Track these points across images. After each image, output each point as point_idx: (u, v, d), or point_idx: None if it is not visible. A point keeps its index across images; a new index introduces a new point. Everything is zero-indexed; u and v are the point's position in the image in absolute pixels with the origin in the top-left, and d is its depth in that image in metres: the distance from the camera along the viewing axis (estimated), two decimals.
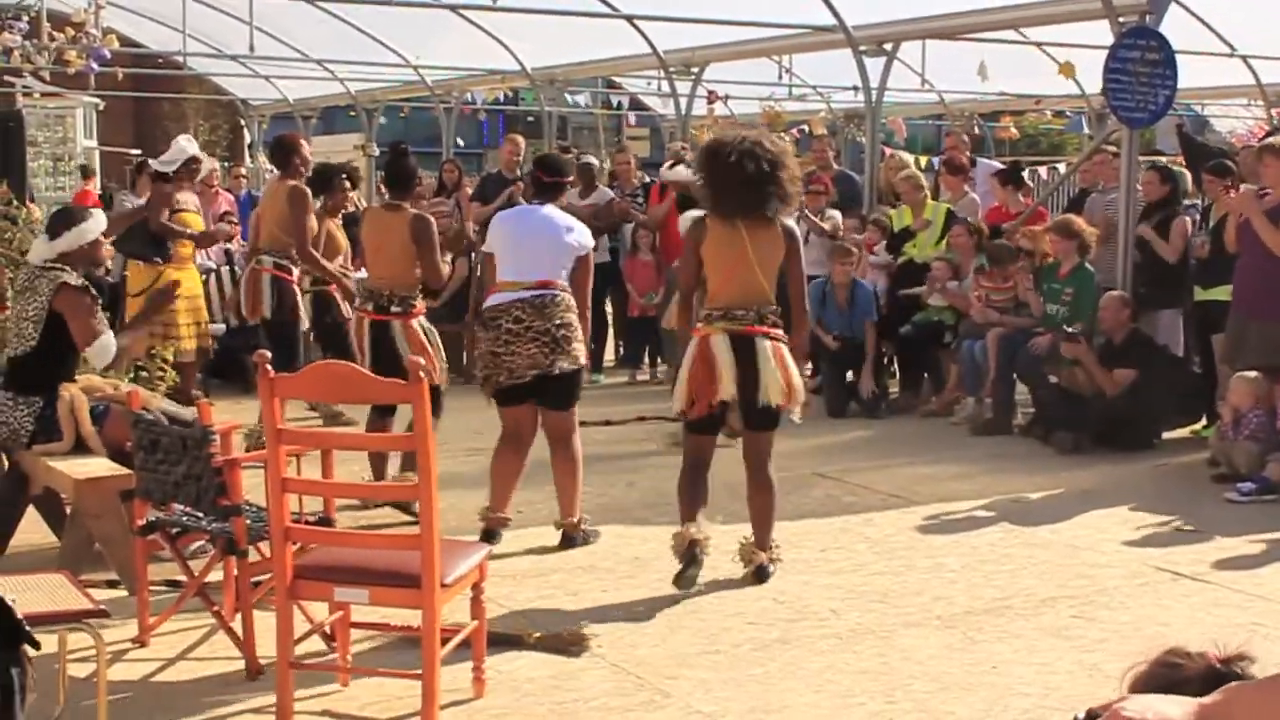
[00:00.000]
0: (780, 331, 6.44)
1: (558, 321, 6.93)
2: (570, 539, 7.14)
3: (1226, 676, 1.96)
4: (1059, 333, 9.96)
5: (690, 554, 6.36)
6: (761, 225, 6.37)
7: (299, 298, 9.52)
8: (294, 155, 9.60)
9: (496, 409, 7.20)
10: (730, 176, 6.28)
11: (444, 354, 7.98)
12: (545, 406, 7.11)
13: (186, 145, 10.56)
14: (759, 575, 6.49)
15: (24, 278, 6.91)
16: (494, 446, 7.28)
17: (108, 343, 6.67)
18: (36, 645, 3.26)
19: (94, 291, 6.85)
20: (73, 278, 6.67)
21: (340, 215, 11.30)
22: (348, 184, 10.65)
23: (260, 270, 9.44)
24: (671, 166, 12.22)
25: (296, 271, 9.48)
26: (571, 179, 7.78)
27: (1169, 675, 2.05)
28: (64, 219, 7.00)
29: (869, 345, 11.13)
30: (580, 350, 7.06)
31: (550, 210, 7.25)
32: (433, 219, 7.90)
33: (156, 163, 10.67)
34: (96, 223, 6.99)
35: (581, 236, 7.20)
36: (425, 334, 7.73)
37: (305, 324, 9.72)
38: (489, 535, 7.00)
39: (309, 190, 9.51)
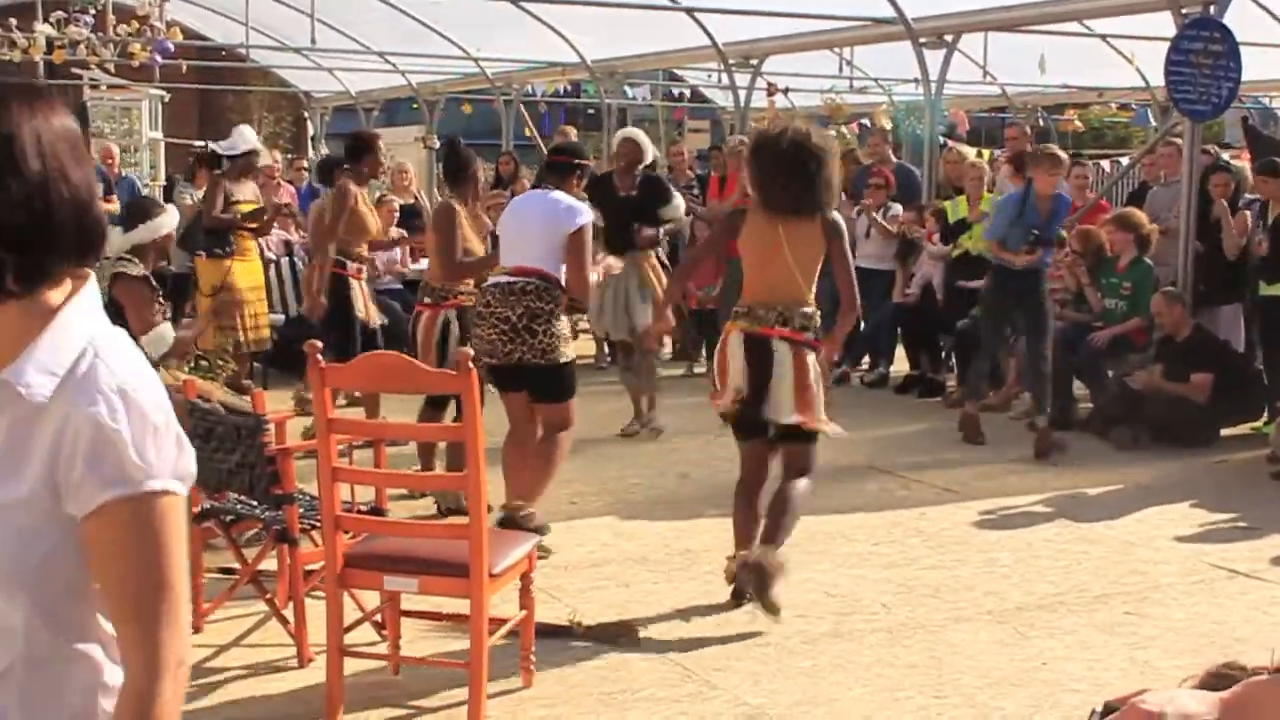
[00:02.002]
0: (809, 336, 6.05)
1: (521, 310, 6.66)
2: (512, 521, 6.35)
3: None
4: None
5: (736, 591, 5.99)
6: (801, 221, 6.04)
7: (357, 292, 9.45)
8: (368, 153, 9.44)
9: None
10: (778, 170, 6.01)
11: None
12: (535, 399, 6.86)
13: (245, 138, 10.64)
14: (735, 592, 5.97)
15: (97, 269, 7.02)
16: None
17: (164, 332, 6.74)
18: None
19: (153, 283, 6.94)
20: (133, 268, 6.76)
21: (382, 208, 11.38)
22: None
23: (320, 265, 9.38)
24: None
25: (351, 267, 9.42)
26: (584, 161, 7.39)
27: (1216, 686, 2.03)
28: (139, 212, 7.12)
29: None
30: (557, 345, 6.73)
31: (549, 194, 7.01)
32: (455, 208, 7.70)
33: (217, 145, 10.77)
34: (170, 218, 7.11)
35: (572, 216, 6.83)
36: (450, 325, 7.61)
37: (375, 320, 9.64)
38: (505, 523, 6.69)
39: (354, 186, 9.36)
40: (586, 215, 6.92)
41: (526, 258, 6.77)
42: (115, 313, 6.64)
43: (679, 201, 10.30)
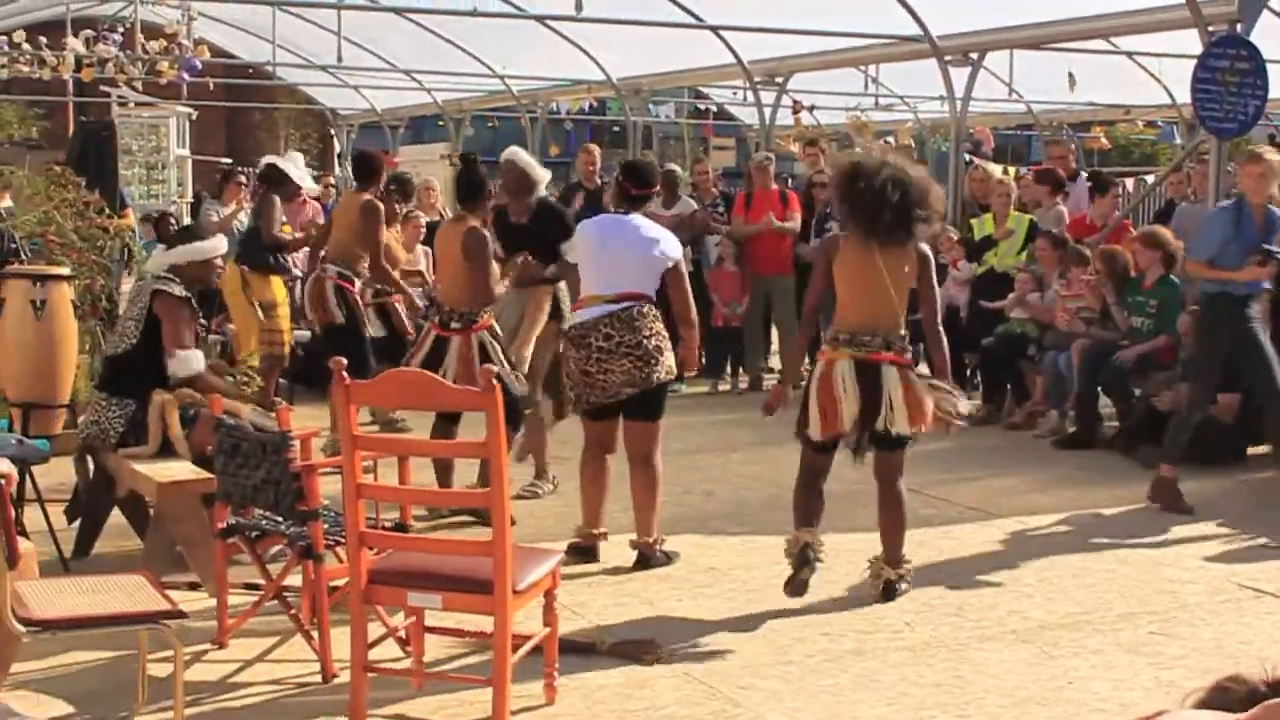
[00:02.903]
0: (909, 358, 6.33)
1: (647, 333, 6.80)
2: (646, 559, 6.94)
3: (1273, 697, 1.94)
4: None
5: (804, 556, 6.20)
6: (896, 248, 6.24)
7: (362, 308, 9.60)
8: (379, 174, 9.72)
9: (581, 421, 7.21)
10: (875, 203, 6.14)
11: (508, 364, 7.76)
12: (631, 419, 6.95)
13: (297, 164, 10.86)
14: (886, 593, 6.39)
15: (136, 286, 7.09)
16: (578, 458, 7.26)
17: (192, 355, 6.78)
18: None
19: (194, 305, 6.94)
20: (176, 288, 6.79)
21: (409, 224, 11.52)
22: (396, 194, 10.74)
23: (325, 279, 9.51)
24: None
25: (359, 283, 9.56)
26: (657, 189, 7.54)
27: (1219, 700, 2.03)
28: (187, 235, 7.25)
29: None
30: (672, 361, 6.95)
31: (637, 219, 7.09)
32: (487, 234, 7.76)
33: (278, 161, 10.90)
34: (215, 245, 7.13)
35: (668, 247, 7.03)
36: (487, 348, 7.69)
37: (370, 333, 9.79)
38: (585, 552, 6.99)
39: (381, 204, 9.64)
40: (678, 247, 7.15)
41: (632, 284, 6.90)
42: (157, 328, 6.67)
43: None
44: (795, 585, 6.20)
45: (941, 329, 6.53)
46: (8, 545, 4.19)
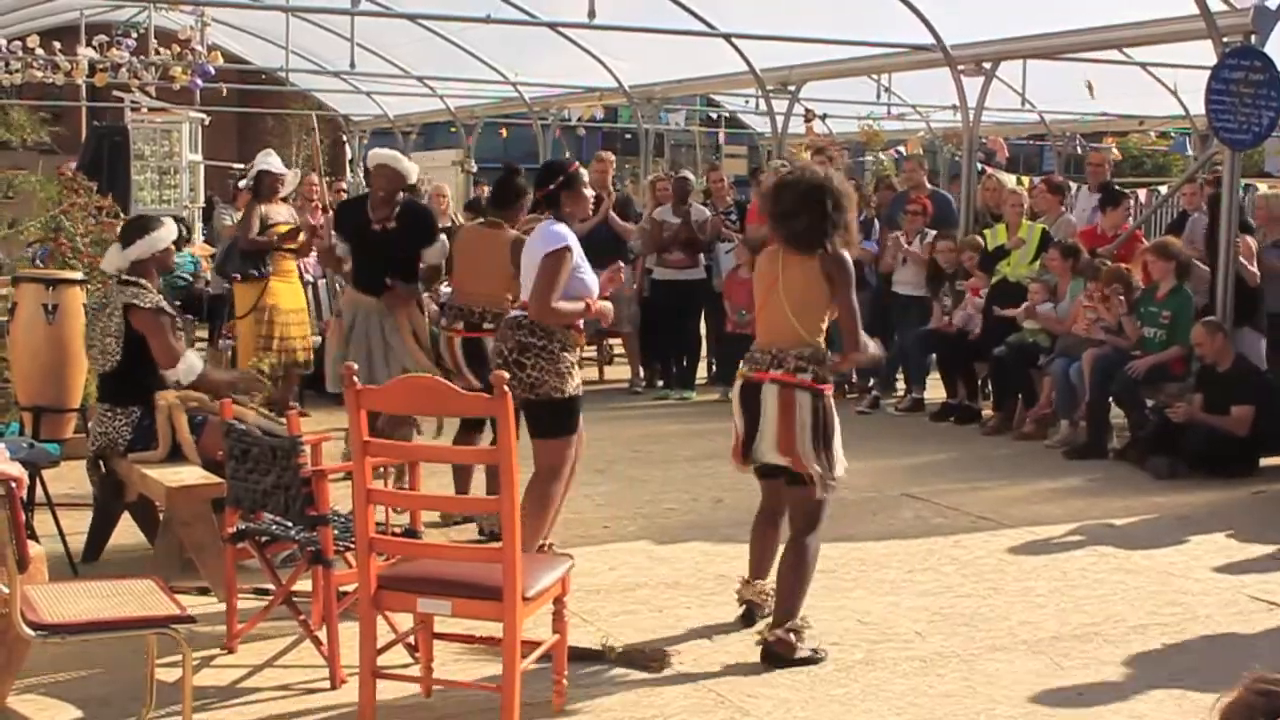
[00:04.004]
0: (805, 377, 5.70)
1: (512, 344, 6.53)
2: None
3: None
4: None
5: (748, 616, 6.06)
6: (799, 260, 5.80)
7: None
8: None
9: None
10: (785, 205, 5.82)
11: None
12: (528, 429, 6.65)
13: (261, 160, 10.72)
14: (766, 657, 5.65)
15: (100, 293, 7.03)
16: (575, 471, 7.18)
17: (192, 363, 6.79)
18: None
19: (168, 309, 6.93)
20: (143, 299, 6.75)
21: None
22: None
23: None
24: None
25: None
26: (561, 178, 6.77)
27: (1262, 704, 2.01)
28: (137, 227, 7.13)
29: None
30: (549, 379, 6.49)
31: (541, 229, 6.69)
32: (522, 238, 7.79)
33: (258, 165, 10.86)
34: (168, 231, 7.11)
35: (545, 240, 6.52)
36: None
37: None
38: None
39: None
40: (560, 239, 6.55)
41: (526, 290, 6.64)
42: (138, 341, 6.68)
43: (442, 245, 8.62)
44: (746, 622, 6.05)
45: (858, 340, 5.92)
46: (18, 549, 4.19)
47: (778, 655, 5.61)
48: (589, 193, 7.05)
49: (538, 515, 6.48)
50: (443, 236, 8.74)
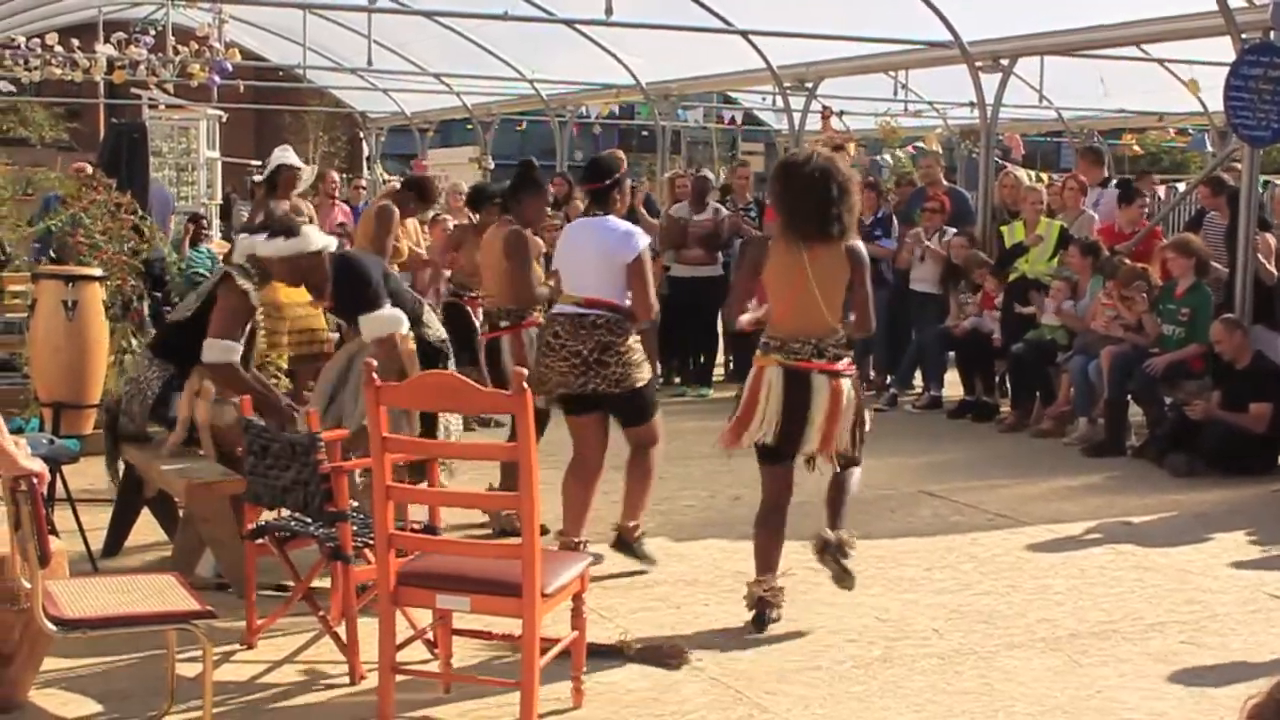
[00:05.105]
0: (844, 364, 6.00)
1: (592, 344, 6.60)
2: (626, 544, 6.87)
3: None
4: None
5: (760, 618, 6.04)
6: (825, 250, 5.93)
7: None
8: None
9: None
10: (806, 193, 5.90)
11: None
12: (620, 422, 6.89)
13: (278, 155, 10.74)
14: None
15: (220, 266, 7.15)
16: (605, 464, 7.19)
17: (228, 348, 6.66)
18: None
19: (251, 304, 6.74)
20: (243, 280, 6.54)
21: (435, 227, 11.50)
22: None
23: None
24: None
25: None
26: (616, 176, 6.94)
27: None
28: (285, 228, 7.00)
29: None
30: (632, 372, 6.67)
31: (605, 222, 6.85)
32: (527, 234, 7.76)
33: (273, 161, 10.88)
34: (303, 242, 6.60)
35: (627, 242, 6.69)
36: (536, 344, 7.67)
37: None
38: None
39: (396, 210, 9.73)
40: (642, 240, 6.77)
41: (593, 288, 6.68)
42: (210, 306, 6.56)
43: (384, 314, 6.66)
44: (755, 628, 6.04)
45: (870, 324, 6.21)
46: (40, 544, 4.21)
47: (843, 549, 6.10)
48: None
49: (645, 480, 6.93)
50: (385, 307, 6.68)
